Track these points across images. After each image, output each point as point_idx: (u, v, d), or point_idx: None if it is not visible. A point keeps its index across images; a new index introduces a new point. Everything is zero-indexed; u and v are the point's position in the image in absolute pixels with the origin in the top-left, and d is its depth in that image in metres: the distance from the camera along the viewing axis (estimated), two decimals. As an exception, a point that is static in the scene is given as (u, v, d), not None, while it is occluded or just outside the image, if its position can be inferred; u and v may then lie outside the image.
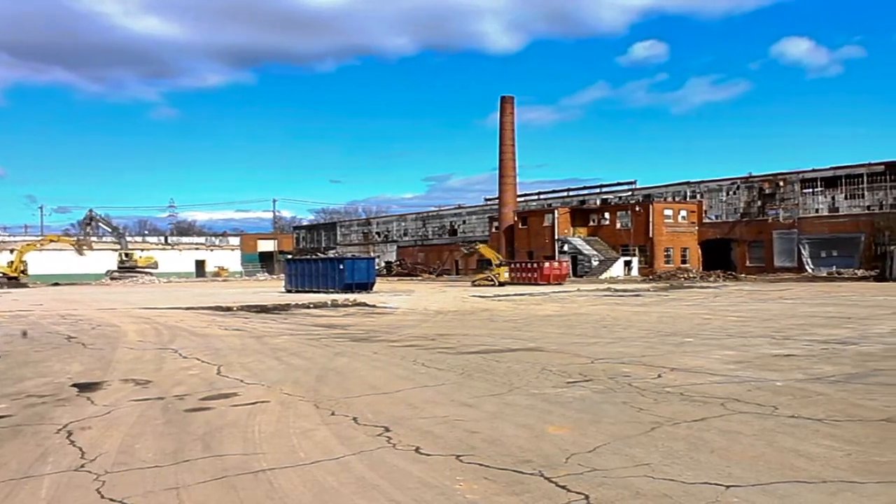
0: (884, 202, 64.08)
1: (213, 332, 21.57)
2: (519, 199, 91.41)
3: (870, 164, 65.60)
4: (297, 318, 27.67)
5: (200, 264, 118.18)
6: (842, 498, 5.85)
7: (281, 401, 10.40)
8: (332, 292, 47.38)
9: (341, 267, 52.23)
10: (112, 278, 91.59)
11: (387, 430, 8.40)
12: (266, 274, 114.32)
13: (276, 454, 7.45)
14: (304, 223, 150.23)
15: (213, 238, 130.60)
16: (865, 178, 65.58)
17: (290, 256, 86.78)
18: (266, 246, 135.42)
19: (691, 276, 66.15)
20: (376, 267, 68.65)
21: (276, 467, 6.98)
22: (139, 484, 6.55)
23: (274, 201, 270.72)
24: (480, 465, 6.91)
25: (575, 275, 72.45)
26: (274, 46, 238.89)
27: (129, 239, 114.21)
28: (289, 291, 52.13)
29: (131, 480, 6.66)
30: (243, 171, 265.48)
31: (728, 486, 6.12)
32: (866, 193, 65.46)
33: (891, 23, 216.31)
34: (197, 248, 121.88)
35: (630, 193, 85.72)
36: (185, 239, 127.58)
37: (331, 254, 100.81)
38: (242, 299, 41.14)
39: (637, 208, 77.44)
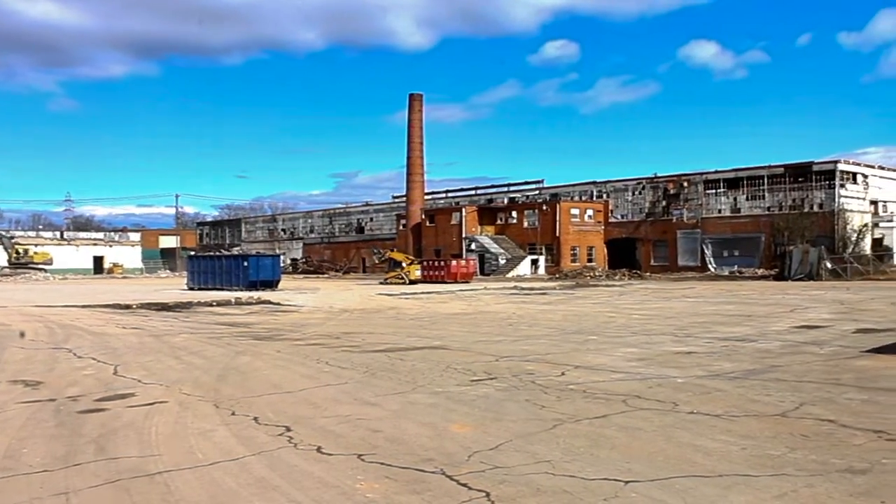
0: (783, 203, 66.55)
1: (110, 331, 20.91)
2: (427, 197, 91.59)
3: (770, 167, 68.04)
4: (199, 317, 27.09)
5: (99, 260, 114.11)
6: (736, 491, 6.02)
7: (180, 401, 10.15)
8: (236, 290, 46.56)
9: (246, 264, 51.38)
10: (2, 275, 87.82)
11: (288, 429, 8.28)
12: (168, 271, 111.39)
13: (174, 456, 7.26)
14: (209, 219, 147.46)
15: (113, 233, 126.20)
16: (766, 179, 67.98)
17: (192, 253, 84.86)
18: (168, 242, 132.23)
19: (597, 274, 67.42)
20: (282, 264, 67.72)
21: (173, 469, 6.80)
22: (25, 490, 6.28)
23: (177, 196, 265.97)
24: (382, 464, 6.88)
25: (482, 273, 72.99)
26: (178, 37, 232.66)
27: (21, 234, 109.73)
28: (191, 289, 50.94)
29: (17, 487, 6.38)
30: (145, 165, 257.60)
31: (627, 482, 6.23)
32: (767, 195, 67.84)
33: (793, 29, 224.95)
34: (95, 244, 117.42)
35: (537, 192, 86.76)
36: (82, 234, 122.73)
37: (235, 251, 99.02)
38: (143, 297, 40.01)
39: (544, 207, 78.46)
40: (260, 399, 10.24)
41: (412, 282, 58.26)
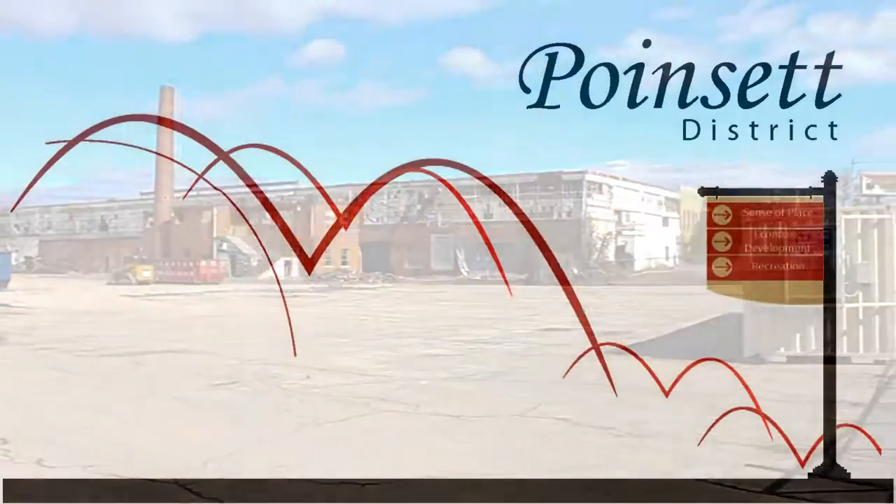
0: (534, 211, 69.93)
1: None
2: (177, 195, 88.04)
3: (522, 175, 71.31)
4: (-90, 320, 24.41)
5: None
6: (469, 490, 6.21)
7: None
8: (-44, 290, 42.49)
9: (-31, 262, 47.02)
10: None
11: (5, 441, 7.67)
12: None
13: None
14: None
15: None
16: (518, 187, 71.06)
17: None
18: None
19: (351, 277, 67.65)
20: (14, 262, 62.51)
21: None
22: None
23: None
24: (109, 476, 6.53)
25: (234, 275, 71.17)
26: None
27: None
28: None
29: None
30: None
31: (365, 484, 6.29)
32: (519, 202, 70.95)
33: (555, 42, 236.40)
34: None
35: (292, 193, 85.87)
36: None
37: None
38: None
39: (298, 209, 77.84)
40: (-25, 410, 9.41)
41: (140, 282, 55.62)
